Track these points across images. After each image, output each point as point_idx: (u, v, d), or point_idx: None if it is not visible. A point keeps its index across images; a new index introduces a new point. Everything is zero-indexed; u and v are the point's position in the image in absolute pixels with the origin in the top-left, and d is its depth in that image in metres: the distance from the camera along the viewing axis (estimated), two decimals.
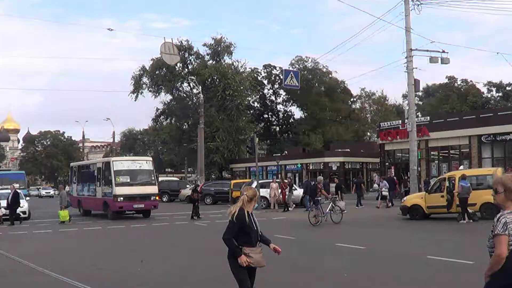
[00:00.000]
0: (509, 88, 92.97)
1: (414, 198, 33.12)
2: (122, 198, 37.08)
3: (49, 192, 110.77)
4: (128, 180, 37.86)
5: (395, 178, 49.59)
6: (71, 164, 52.15)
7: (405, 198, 34.44)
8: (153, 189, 39.31)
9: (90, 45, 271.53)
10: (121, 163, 39.15)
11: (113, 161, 39.21)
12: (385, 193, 43.06)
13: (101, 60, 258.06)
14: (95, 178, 40.30)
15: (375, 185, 62.75)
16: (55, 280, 14.60)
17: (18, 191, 38.04)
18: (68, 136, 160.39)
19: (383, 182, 44.72)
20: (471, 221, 28.22)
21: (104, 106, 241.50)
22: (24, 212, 37.69)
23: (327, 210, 30.67)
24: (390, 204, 42.12)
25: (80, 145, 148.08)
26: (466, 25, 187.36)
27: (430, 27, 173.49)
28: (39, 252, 21.12)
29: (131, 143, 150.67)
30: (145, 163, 40.57)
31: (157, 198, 39.60)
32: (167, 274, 15.54)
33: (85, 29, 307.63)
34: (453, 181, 30.43)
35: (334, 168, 73.68)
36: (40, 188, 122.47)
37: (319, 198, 31.58)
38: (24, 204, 37.79)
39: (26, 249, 21.90)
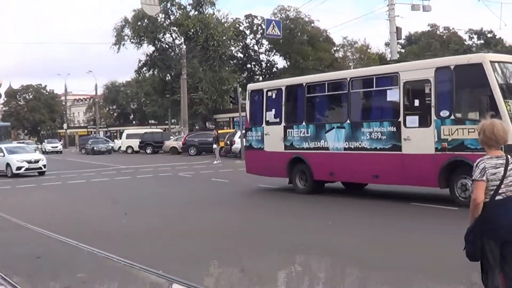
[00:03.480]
0: (490, 35, 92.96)
1: None
2: None
3: (56, 147, 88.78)
4: None
5: None
6: (252, 86, 27.28)
7: None
8: None
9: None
10: None
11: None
12: None
13: (82, 12, 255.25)
14: (394, 107, 18.69)
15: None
16: (39, 234, 14.55)
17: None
18: (50, 90, 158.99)
19: None
20: None
21: (86, 59, 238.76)
22: (44, 166, 37.05)
23: None
24: None
25: (63, 98, 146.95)
26: None
27: None
28: (22, 207, 21.08)
29: (113, 95, 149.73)
30: None
31: None
32: (151, 226, 15.57)
33: None
34: None
35: None
36: (44, 142, 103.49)
37: None
38: (43, 158, 38.06)
39: (9, 204, 21.84)
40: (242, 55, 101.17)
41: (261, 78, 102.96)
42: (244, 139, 38.37)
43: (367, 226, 13.88)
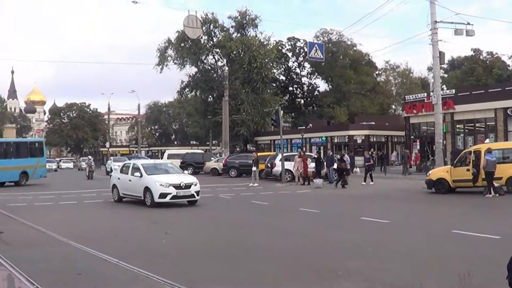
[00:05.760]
0: None
1: (440, 171, 32.90)
2: None
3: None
4: None
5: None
6: None
7: (430, 172, 34.31)
8: None
9: (112, 18, 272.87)
10: None
11: None
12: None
13: (123, 33, 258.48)
14: None
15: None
16: (78, 250, 14.67)
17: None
18: (93, 108, 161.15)
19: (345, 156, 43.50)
20: (497, 195, 28.05)
21: (129, 79, 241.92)
22: (198, 193, 27.49)
23: None
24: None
25: (106, 117, 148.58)
26: None
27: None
28: (64, 223, 21.10)
29: (156, 115, 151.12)
30: None
31: None
32: (190, 247, 15.59)
33: (106, 2, 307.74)
34: (478, 155, 30.26)
35: (359, 141, 73.50)
36: (110, 160, 74.45)
37: None
38: (195, 181, 27.71)
39: (51, 220, 21.92)
40: (284, 78, 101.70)
41: (302, 101, 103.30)
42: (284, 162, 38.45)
43: (406, 251, 13.78)
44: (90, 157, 63.17)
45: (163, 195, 26.28)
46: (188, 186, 26.84)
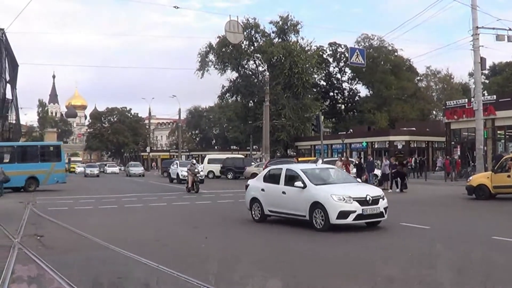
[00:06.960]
0: None
1: (480, 177, 32.74)
2: None
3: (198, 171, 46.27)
4: None
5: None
6: None
7: (471, 178, 34.17)
8: None
9: (149, 24, 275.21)
10: None
11: None
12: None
13: (160, 38, 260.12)
14: None
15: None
16: (119, 254, 14.82)
17: None
18: (134, 113, 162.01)
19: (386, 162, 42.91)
20: None
21: (170, 84, 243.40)
22: (386, 210, 19.21)
23: None
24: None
25: (146, 121, 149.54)
26: None
27: (494, 5, 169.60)
28: (104, 227, 21.37)
29: (196, 120, 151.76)
30: None
31: None
32: (231, 253, 15.77)
33: (142, 7, 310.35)
34: None
35: (400, 146, 73.31)
36: (174, 163, 62.93)
37: None
38: (382, 193, 19.53)
39: (91, 224, 22.16)
40: (324, 83, 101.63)
41: (343, 107, 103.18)
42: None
43: (446, 257, 13.84)
44: (194, 161, 48.08)
45: (344, 214, 18.50)
46: (375, 201, 19.12)
